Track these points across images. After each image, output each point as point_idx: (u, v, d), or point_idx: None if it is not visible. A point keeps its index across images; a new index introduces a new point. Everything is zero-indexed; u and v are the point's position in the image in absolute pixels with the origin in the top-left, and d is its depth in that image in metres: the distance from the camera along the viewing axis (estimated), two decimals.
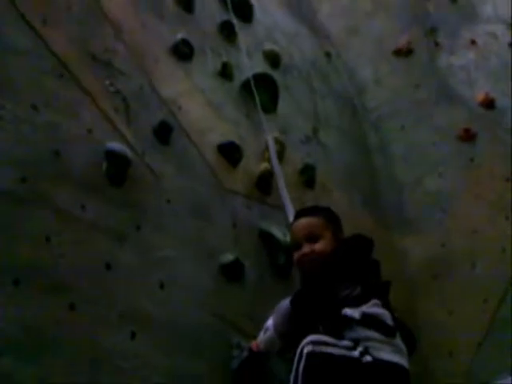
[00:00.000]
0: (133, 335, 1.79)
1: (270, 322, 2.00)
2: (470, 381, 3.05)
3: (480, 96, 4.35)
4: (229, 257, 2.33)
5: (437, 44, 4.99)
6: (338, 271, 1.85)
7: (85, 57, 2.30)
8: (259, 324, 2.24)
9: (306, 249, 1.97)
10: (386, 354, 1.72)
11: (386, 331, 1.78)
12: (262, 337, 2.03)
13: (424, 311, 3.36)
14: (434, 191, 3.87)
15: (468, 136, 4.02)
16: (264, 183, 2.84)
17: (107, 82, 2.35)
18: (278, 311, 1.96)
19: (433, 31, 5.10)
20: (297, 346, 1.72)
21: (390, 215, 3.77)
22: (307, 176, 3.19)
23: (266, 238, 2.61)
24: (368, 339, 1.73)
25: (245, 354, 2.06)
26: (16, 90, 1.95)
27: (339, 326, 1.74)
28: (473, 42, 5.29)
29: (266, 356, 2.11)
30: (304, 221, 2.07)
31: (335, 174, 3.53)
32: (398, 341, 1.82)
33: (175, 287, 2.05)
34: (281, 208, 2.86)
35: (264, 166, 2.89)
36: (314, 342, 1.68)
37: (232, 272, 2.31)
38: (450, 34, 5.24)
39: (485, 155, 3.91)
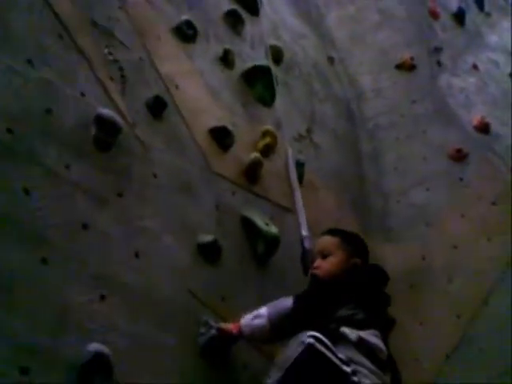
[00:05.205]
0: (102, 297, 1.78)
1: (263, 312, 2.04)
2: None
3: (476, 119, 4.39)
4: (208, 237, 2.32)
5: (439, 64, 5.04)
6: (340, 291, 1.98)
7: (86, 22, 2.30)
8: (231, 306, 2.25)
9: (316, 263, 2.19)
10: None
11: (379, 364, 1.82)
12: (250, 322, 2.05)
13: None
14: (419, 204, 3.89)
15: (459, 156, 4.07)
16: (252, 172, 2.84)
17: (106, 50, 2.35)
18: (277, 305, 2.03)
19: (437, 51, 5.15)
20: (293, 334, 1.79)
21: (373, 222, 3.78)
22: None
23: (247, 224, 2.61)
24: (359, 364, 1.76)
25: (212, 332, 2.05)
26: (14, 44, 1.95)
27: (335, 341, 1.78)
28: (475, 67, 5.37)
29: (239, 339, 2.11)
30: (323, 238, 2.29)
31: (324, 174, 3.54)
32: (387, 378, 1.85)
33: (151, 258, 2.04)
34: (265, 199, 2.88)
35: (254, 155, 2.89)
36: (316, 338, 1.72)
37: (209, 252, 2.30)
38: (453, 56, 5.30)
39: (474, 177, 3.95)
